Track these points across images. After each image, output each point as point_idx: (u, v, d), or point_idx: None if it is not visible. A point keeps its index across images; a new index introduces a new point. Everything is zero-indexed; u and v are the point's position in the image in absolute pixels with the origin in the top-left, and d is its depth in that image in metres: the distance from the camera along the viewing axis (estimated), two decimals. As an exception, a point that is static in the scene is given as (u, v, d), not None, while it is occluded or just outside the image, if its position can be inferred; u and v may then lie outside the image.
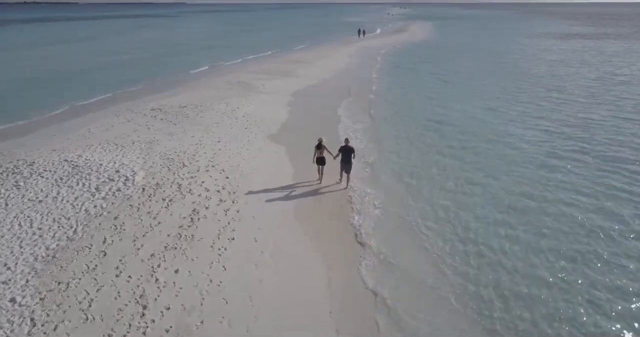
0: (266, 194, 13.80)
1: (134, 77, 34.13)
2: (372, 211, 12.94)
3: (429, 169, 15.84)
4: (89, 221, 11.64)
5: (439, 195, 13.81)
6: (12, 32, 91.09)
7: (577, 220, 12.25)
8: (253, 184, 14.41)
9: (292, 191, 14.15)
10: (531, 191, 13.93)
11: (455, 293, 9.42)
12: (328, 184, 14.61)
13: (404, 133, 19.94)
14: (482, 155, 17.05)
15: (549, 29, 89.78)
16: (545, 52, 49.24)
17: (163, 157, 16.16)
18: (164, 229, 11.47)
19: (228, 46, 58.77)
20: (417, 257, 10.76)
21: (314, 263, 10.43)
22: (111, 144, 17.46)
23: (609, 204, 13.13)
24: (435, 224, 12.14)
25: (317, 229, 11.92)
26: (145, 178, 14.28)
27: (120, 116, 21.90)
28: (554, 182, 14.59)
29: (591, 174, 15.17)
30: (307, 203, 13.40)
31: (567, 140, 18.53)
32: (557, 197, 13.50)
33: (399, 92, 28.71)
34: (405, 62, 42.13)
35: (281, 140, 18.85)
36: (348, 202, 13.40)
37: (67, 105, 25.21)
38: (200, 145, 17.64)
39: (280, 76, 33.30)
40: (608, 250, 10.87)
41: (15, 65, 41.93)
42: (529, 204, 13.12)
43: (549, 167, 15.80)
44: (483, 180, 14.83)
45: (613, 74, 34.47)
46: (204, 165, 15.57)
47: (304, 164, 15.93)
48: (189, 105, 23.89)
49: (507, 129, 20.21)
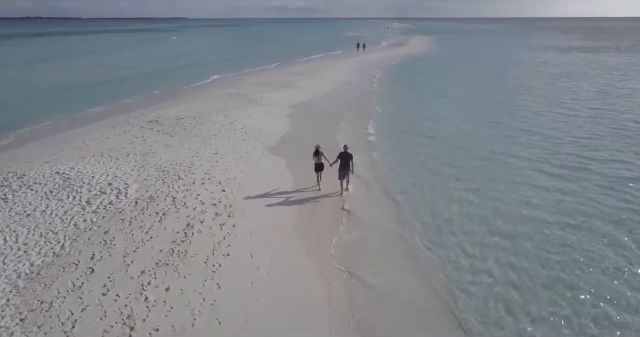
0: (263, 207, 13.31)
1: (133, 90, 33.89)
2: (365, 228, 12.44)
3: (427, 185, 15.17)
4: (77, 236, 11.12)
5: (438, 213, 13.18)
6: (13, 46, 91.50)
7: (576, 244, 11.46)
8: (250, 197, 13.93)
9: (290, 204, 13.68)
10: (532, 210, 13.14)
11: (449, 309, 9.00)
12: (327, 192, 14.48)
13: (403, 147, 19.39)
14: (482, 172, 16.22)
15: (549, 43, 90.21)
16: (545, 65, 49.14)
17: (158, 170, 15.70)
18: (156, 244, 10.95)
19: (228, 59, 58.78)
20: (412, 278, 10.24)
21: (313, 280, 9.90)
22: (105, 156, 17.02)
23: (613, 226, 12.41)
24: (434, 245, 11.50)
25: (316, 244, 11.41)
26: (139, 191, 13.80)
27: (116, 128, 21.51)
28: (554, 201, 13.78)
29: (594, 194, 14.23)
30: (306, 216, 12.91)
31: (569, 156, 17.74)
32: (557, 219, 12.66)
33: (398, 106, 28.28)
34: (405, 76, 41.94)
35: (280, 152, 18.42)
36: (346, 216, 12.93)
37: (63, 117, 24.86)
38: (197, 158, 17.19)
39: (279, 88, 33.04)
40: (614, 280, 10.28)
41: (14, 79, 41.80)
42: (529, 226, 12.37)
43: (549, 186, 14.91)
44: (482, 197, 14.21)
45: (614, 87, 34.17)
46: (200, 178, 15.10)
47: (303, 176, 15.63)
48: (186, 117, 23.53)
49: (507, 144, 19.38)
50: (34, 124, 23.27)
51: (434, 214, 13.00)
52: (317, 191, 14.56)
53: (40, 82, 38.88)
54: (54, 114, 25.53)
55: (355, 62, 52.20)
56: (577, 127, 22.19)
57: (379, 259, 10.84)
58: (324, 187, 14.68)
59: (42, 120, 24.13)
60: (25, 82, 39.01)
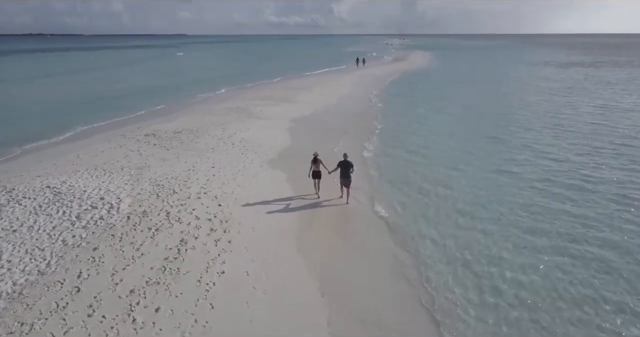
0: (261, 222, 12.81)
1: (131, 105, 33.51)
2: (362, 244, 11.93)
3: (428, 200, 14.66)
4: (64, 253, 10.60)
5: (440, 229, 12.74)
6: (15, 62, 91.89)
7: (585, 260, 11.01)
8: (247, 211, 13.43)
9: (289, 217, 13.20)
10: (535, 228, 12.61)
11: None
12: (326, 199, 14.56)
13: (401, 163, 18.75)
14: (482, 189, 15.56)
15: (547, 58, 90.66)
16: (545, 80, 48.98)
17: (153, 184, 15.24)
18: (147, 261, 10.42)
19: (227, 75, 58.80)
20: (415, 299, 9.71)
21: (312, 300, 9.34)
22: (99, 170, 16.57)
23: (623, 241, 11.99)
24: (439, 262, 11.03)
25: (315, 260, 10.89)
26: (132, 206, 13.30)
27: (112, 142, 21.11)
28: (557, 217, 13.19)
29: (598, 210, 13.61)
30: (305, 230, 12.43)
31: (571, 174, 16.99)
32: (566, 239, 12.09)
33: (398, 121, 27.73)
34: (404, 91, 41.78)
35: (278, 166, 18.00)
36: (347, 232, 12.43)
37: (59, 131, 24.45)
38: (193, 171, 16.75)
39: (279, 103, 32.79)
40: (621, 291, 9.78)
41: (14, 94, 41.62)
42: (534, 242, 11.88)
43: (552, 203, 14.26)
44: (482, 213, 13.71)
45: (615, 101, 33.65)
46: (196, 192, 14.62)
47: (302, 188, 15.29)
48: (184, 130, 23.16)
49: (506, 161, 18.64)
50: (29, 138, 22.84)
51: (429, 236, 12.31)
52: (315, 198, 14.60)
53: (40, 98, 38.59)
54: (49, 128, 25.15)
55: (356, 77, 52.19)
56: (579, 143, 21.43)
57: (379, 283, 10.30)
58: (322, 195, 14.71)
59: (37, 134, 23.71)
60: (25, 98, 38.76)
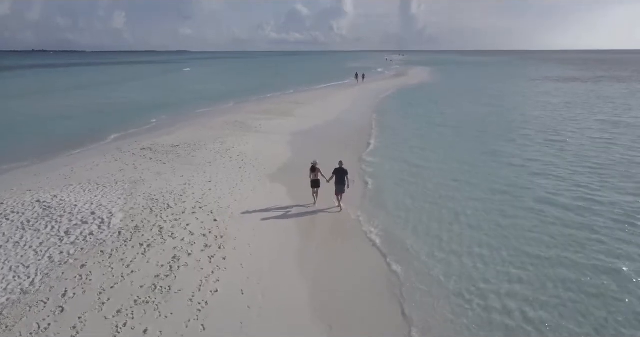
0: (257, 237, 12.33)
1: (131, 119, 33.28)
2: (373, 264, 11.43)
3: (426, 217, 14.08)
4: (50, 270, 10.09)
5: (438, 246, 12.27)
6: (16, 78, 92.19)
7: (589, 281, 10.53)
8: (243, 226, 12.96)
9: (287, 232, 12.75)
10: (533, 253, 11.71)
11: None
12: (323, 208, 14.65)
13: (400, 177, 18.35)
14: (482, 207, 14.84)
15: (547, 73, 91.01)
16: (546, 95, 48.79)
17: (147, 198, 14.78)
18: (137, 279, 9.91)
19: (228, 89, 58.87)
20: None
21: (311, 322, 8.81)
22: (92, 184, 16.12)
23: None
24: (438, 280, 10.59)
25: (314, 277, 10.38)
26: (124, 220, 12.82)
27: (107, 155, 20.71)
28: (563, 238, 12.48)
29: (605, 237, 12.75)
30: (303, 245, 11.97)
31: (574, 191, 16.31)
32: (568, 269, 10.95)
33: (398, 135, 27.50)
34: (404, 106, 41.66)
35: (276, 179, 17.61)
36: (347, 246, 11.94)
37: (53, 146, 24.08)
38: (189, 185, 16.31)
39: (278, 117, 32.53)
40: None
41: (12, 109, 41.45)
42: (532, 269, 11.07)
43: (556, 221, 13.58)
44: (481, 232, 13.26)
45: (618, 116, 33.27)
46: (191, 207, 14.15)
47: (298, 199, 15.09)
48: (181, 144, 22.79)
49: (508, 177, 18.09)
50: (24, 152, 22.47)
51: (427, 253, 11.77)
52: (313, 208, 14.73)
53: (39, 112, 38.41)
54: (45, 142, 24.84)
55: (356, 91, 52.16)
56: (581, 159, 20.72)
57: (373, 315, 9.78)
58: (321, 204, 14.87)
59: (32, 148, 23.39)
60: (23, 112, 38.53)
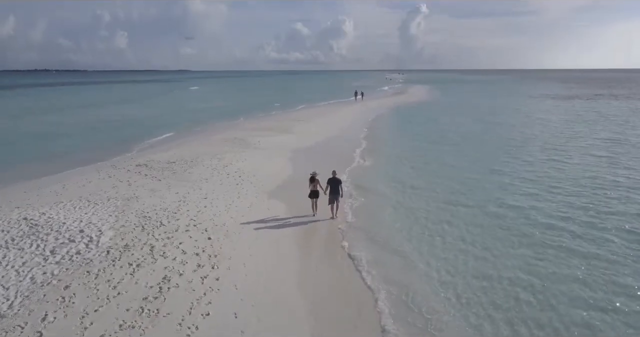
0: (253, 256, 11.72)
1: (127, 137, 32.89)
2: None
3: (425, 237, 13.35)
4: (31, 292, 9.46)
5: (435, 265, 11.66)
6: (19, 97, 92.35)
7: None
8: (239, 245, 12.36)
9: (283, 252, 12.14)
10: (539, 277, 10.85)
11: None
12: (322, 221, 14.59)
13: (400, 195, 17.62)
14: (482, 227, 14.03)
15: (547, 91, 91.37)
16: (547, 113, 48.40)
17: (139, 215, 14.21)
18: (124, 301, 9.27)
19: (228, 107, 58.84)
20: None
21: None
22: (83, 201, 15.58)
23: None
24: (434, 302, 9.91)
25: (314, 299, 9.75)
26: (113, 239, 12.23)
27: (101, 172, 20.21)
28: (562, 263, 11.57)
29: (608, 252, 12.18)
30: (301, 265, 11.35)
31: (578, 211, 15.42)
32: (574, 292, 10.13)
33: (398, 152, 27.07)
34: (404, 123, 41.53)
35: (273, 196, 17.07)
36: (348, 267, 11.33)
37: (47, 163, 23.60)
38: (184, 202, 15.75)
39: (278, 133, 32.19)
40: None
41: (9, 126, 41.18)
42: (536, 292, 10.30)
43: (557, 245, 12.64)
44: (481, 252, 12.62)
45: (621, 133, 32.62)
46: (185, 224, 13.58)
47: (296, 211, 14.80)
48: (177, 160, 22.32)
49: (510, 195, 17.23)
50: (16, 169, 21.98)
51: (425, 275, 11.13)
52: (312, 218, 14.81)
53: (37, 130, 38.19)
54: (37, 160, 24.32)
55: (356, 109, 52.01)
56: (586, 177, 19.88)
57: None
58: (320, 216, 14.85)
59: (25, 166, 22.88)
60: (21, 130, 38.27)
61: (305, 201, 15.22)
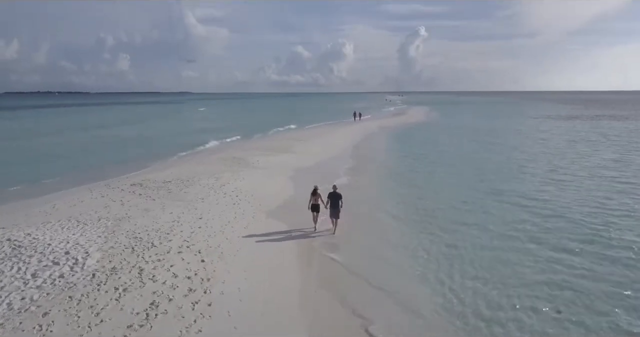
0: (248, 280, 11.01)
1: (126, 158, 32.34)
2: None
3: (423, 258, 12.76)
4: (6, 319, 8.71)
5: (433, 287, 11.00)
6: (17, 119, 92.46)
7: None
8: (233, 268, 11.66)
9: (280, 275, 11.43)
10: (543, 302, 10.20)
11: None
12: (322, 236, 14.45)
13: (402, 216, 17.02)
14: (483, 250, 13.43)
15: (547, 112, 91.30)
16: (549, 133, 47.78)
17: (130, 236, 13.52)
18: (106, 330, 8.52)
19: (227, 127, 58.55)
20: None
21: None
22: (72, 221, 14.91)
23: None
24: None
25: (313, 326, 8.99)
26: (100, 261, 11.52)
27: (94, 191, 19.59)
28: (569, 290, 10.85)
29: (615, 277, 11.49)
30: (298, 290, 10.61)
31: (587, 236, 14.51)
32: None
33: (400, 172, 26.53)
34: (404, 144, 40.83)
35: (271, 216, 16.44)
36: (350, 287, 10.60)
37: (40, 182, 23.01)
38: (178, 223, 15.08)
39: (276, 153, 31.68)
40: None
41: (6, 146, 40.77)
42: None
43: (561, 272, 11.87)
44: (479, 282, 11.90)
45: (627, 154, 31.92)
46: (177, 246, 12.88)
47: (295, 237, 14.02)
48: (174, 180, 21.72)
49: (515, 221, 16.27)
50: (6, 189, 21.35)
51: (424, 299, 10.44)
52: (311, 235, 14.67)
53: (34, 150, 37.73)
54: (29, 180, 23.65)
55: (356, 130, 51.65)
56: (593, 200, 18.97)
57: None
58: (320, 232, 14.83)
59: (16, 186, 22.23)
60: (17, 150, 37.83)
61: (305, 220, 15.10)
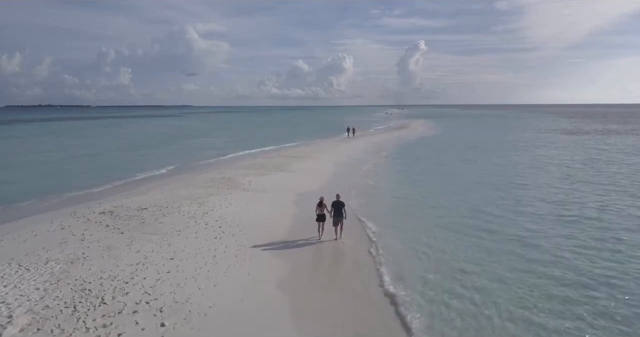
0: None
1: (109, 175, 29.75)
2: None
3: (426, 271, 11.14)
4: None
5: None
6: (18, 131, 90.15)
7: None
8: (202, 333, 8.96)
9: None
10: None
11: None
12: (325, 251, 10.89)
13: (404, 227, 16.45)
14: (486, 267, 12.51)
15: (554, 126, 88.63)
16: (564, 149, 45.22)
17: (77, 288, 10.84)
18: None
19: (225, 142, 56.31)
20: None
21: None
22: (13, 265, 12.22)
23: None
24: None
25: None
26: (25, 330, 8.83)
27: (54, 221, 16.91)
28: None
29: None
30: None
31: (602, 262, 13.24)
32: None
33: (403, 190, 24.06)
34: (407, 158, 38.41)
35: (257, 256, 13.71)
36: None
37: (4, 206, 20.49)
38: (143, 266, 12.42)
39: (270, 172, 29.06)
40: None
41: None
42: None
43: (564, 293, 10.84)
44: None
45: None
46: (134, 302, 10.18)
47: (283, 296, 11.07)
48: (150, 206, 19.07)
49: (516, 230, 15.98)
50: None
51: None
52: (318, 241, 15.14)
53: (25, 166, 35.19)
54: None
55: (356, 146, 49.11)
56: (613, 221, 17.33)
57: None
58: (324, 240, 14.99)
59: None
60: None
61: (300, 258, 13.39)
